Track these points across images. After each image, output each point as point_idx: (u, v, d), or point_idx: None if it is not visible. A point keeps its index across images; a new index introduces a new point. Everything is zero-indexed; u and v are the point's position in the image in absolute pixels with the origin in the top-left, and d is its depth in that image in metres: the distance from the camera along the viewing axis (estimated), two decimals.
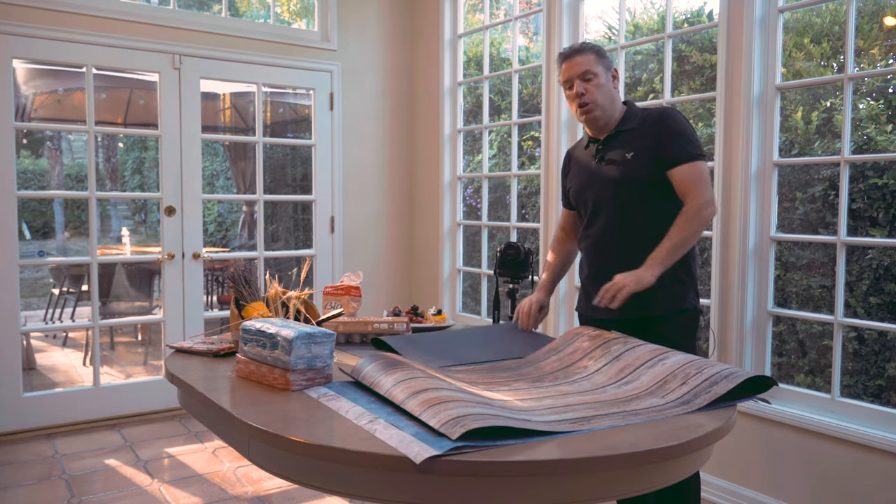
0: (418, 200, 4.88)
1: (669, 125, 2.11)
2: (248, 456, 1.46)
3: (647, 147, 2.11)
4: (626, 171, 2.13)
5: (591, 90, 2.14)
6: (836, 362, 2.66)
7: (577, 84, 2.14)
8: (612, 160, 2.16)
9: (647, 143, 2.11)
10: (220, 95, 7.46)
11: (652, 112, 2.19)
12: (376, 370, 1.52)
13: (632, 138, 2.15)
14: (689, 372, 1.53)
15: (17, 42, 3.66)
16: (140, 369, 5.35)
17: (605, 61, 2.18)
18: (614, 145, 2.18)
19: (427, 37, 4.71)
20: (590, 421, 1.32)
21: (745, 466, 2.87)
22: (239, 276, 2.03)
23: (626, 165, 2.13)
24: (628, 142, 2.15)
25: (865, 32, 3.39)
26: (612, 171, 2.15)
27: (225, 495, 3.06)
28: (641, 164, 2.11)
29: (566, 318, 3.72)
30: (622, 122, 2.19)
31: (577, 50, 2.18)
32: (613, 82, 2.19)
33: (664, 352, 1.67)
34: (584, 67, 2.14)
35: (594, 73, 2.14)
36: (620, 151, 2.15)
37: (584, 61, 2.14)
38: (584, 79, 2.14)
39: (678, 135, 2.10)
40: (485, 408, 1.27)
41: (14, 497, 3.03)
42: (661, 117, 2.14)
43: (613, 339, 1.79)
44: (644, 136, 2.13)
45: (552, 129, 3.72)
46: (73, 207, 10.65)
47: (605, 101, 2.15)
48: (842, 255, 2.64)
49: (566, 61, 2.18)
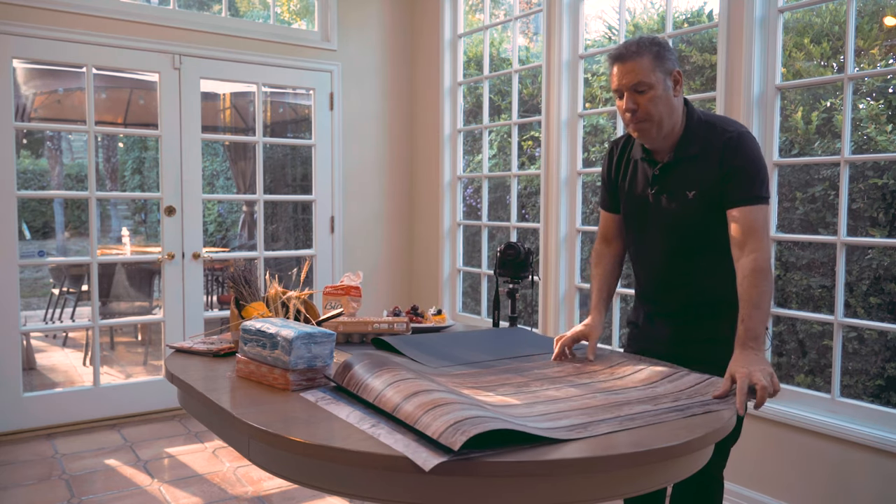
0: (418, 200, 4.88)
1: (742, 161, 1.80)
2: (248, 456, 1.46)
3: (712, 184, 1.83)
4: (686, 213, 1.87)
5: (645, 105, 1.81)
6: (836, 362, 2.66)
7: (627, 97, 1.82)
8: (669, 196, 1.90)
9: (712, 178, 1.83)
10: (220, 95, 7.46)
11: (721, 134, 1.86)
12: (363, 370, 1.49)
13: (694, 170, 1.86)
14: (680, 398, 1.54)
15: (17, 42, 3.66)
16: (140, 369, 5.35)
17: (665, 65, 1.83)
18: (673, 177, 1.90)
19: (427, 37, 4.71)
20: (587, 427, 1.30)
21: (745, 466, 2.87)
22: (239, 276, 2.03)
23: (687, 207, 1.86)
24: (690, 175, 1.86)
25: (865, 32, 3.39)
26: (669, 212, 1.90)
27: (225, 495, 3.06)
28: (706, 207, 1.84)
29: (566, 318, 3.72)
30: (682, 144, 1.88)
31: (634, 51, 1.82)
32: (675, 88, 1.84)
33: (654, 381, 1.65)
34: (638, 77, 1.80)
35: (649, 84, 1.80)
36: (680, 188, 1.88)
37: (639, 68, 1.80)
38: (636, 90, 1.81)
39: (745, 172, 1.80)
40: (481, 410, 1.26)
41: (14, 497, 3.03)
42: (732, 150, 1.82)
43: (600, 370, 1.78)
44: (708, 170, 1.84)
45: (552, 129, 3.71)
46: (73, 207, 10.65)
47: (663, 115, 1.83)
48: (842, 255, 2.64)
49: (617, 64, 1.84)
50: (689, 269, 1.94)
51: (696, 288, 1.96)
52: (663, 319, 2.04)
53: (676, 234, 1.92)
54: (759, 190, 1.79)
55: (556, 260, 3.72)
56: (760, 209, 1.79)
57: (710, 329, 1.95)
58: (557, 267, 3.72)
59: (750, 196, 1.78)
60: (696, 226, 1.88)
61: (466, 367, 1.80)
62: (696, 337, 1.96)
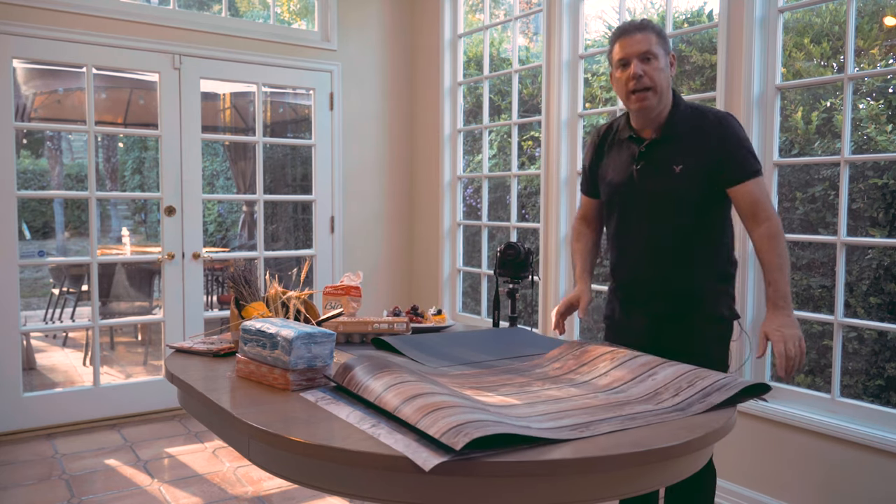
0: (418, 200, 4.88)
1: (735, 140, 1.92)
2: (248, 456, 1.46)
3: (700, 163, 1.92)
4: (671, 186, 1.95)
5: (651, 73, 1.90)
6: (836, 362, 2.66)
7: (634, 64, 1.90)
8: (655, 171, 1.97)
9: (703, 155, 1.92)
10: (220, 95, 7.46)
11: (705, 117, 1.97)
12: (363, 372, 1.49)
13: (681, 148, 1.94)
14: (681, 385, 1.53)
15: (17, 42, 3.66)
16: (140, 369, 5.35)
17: (666, 44, 1.95)
18: (660, 152, 1.97)
19: (427, 37, 4.71)
20: (589, 427, 1.30)
21: (745, 466, 2.87)
22: (239, 276, 2.03)
23: (672, 180, 1.94)
24: (677, 152, 1.94)
25: (865, 32, 3.39)
26: (654, 185, 1.97)
27: (225, 495, 3.06)
28: (692, 182, 1.93)
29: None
30: (669, 123, 1.97)
31: (639, 26, 1.93)
32: (671, 69, 1.97)
33: (654, 366, 1.63)
34: (646, 47, 1.90)
35: (655, 54, 1.90)
36: (667, 162, 1.95)
37: (646, 40, 1.90)
38: (643, 59, 1.90)
39: (740, 150, 1.91)
40: (483, 413, 1.25)
41: (14, 497, 3.03)
42: (723, 129, 1.92)
43: (601, 356, 1.77)
44: (697, 149, 1.93)
45: (552, 129, 3.71)
46: (73, 207, 10.65)
47: (663, 87, 1.92)
48: (842, 255, 2.64)
49: (624, 37, 1.93)
50: (668, 252, 2.00)
51: (675, 274, 2.01)
52: (640, 310, 2.09)
53: (660, 210, 1.99)
54: (754, 165, 1.92)
55: (556, 260, 3.72)
56: (759, 182, 1.92)
57: (687, 322, 2.01)
58: (557, 267, 3.72)
59: (749, 172, 1.91)
60: (679, 200, 1.96)
61: (467, 367, 1.80)
62: (673, 330, 2.02)
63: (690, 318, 2.02)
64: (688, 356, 1.78)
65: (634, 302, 2.11)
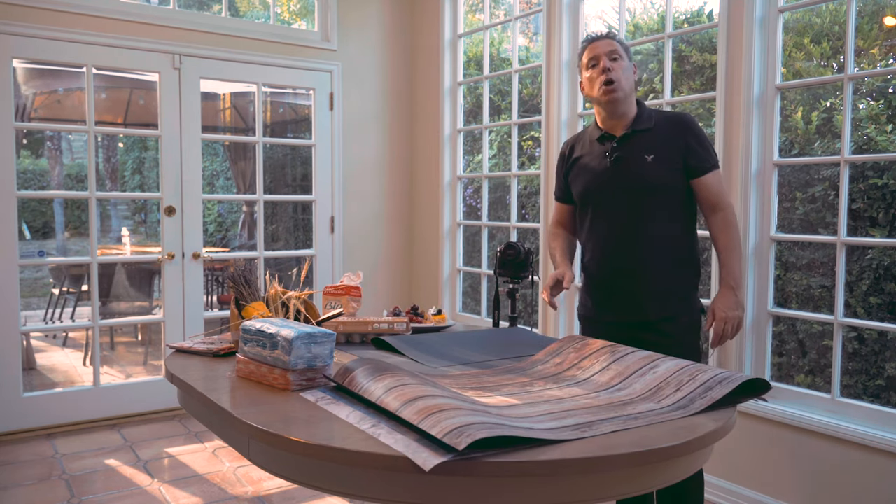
0: (418, 200, 4.88)
1: (696, 132, 2.15)
2: (248, 456, 1.46)
3: (670, 151, 2.13)
4: (644, 174, 2.13)
5: (617, 69, 2.15)
6: (836, 362, 2.66)
7: (603, 60, 2.15)
8: (628, 161, 2.15)
9: (669, 146, 2.13)
10: (220, 95, 7.47)
11: (669, 115, 2.22)
12: (364, 375, 1.48)
13: (650, 140, 2.15)
14: (682, 379, 1.53)
15: (17, 42, 3.66)
16: (140, 369, 5.35)
17: (629, 55, 2.22)
18: (630, 145, 2.17)
19: (427, 37, 4.71)
20: (591, 427, 1.30)
21: (745, 466, 2.87)
22: (239, 276, 2.03)
23: (645, 168, 2.13)
24: (646, 143, 2.15)
25: (865, 32, 3.38)
26: (628, 173, 2.15)
27: (225, 495, 3.06)
28: (663, 168, 2.12)
29: (567, 318, 3.72)
30: (637, 121, 2.18)
31: (605, 35, 2.22)
32: (634, 75, 2.22)
33: (654, 360, 1.64)
34: (612, 48, 2.17)
35: (620, 55, 2.17)
36: (639, 153, 2.15)
37: (613, 44, 2.18)
38: (610, 58, 2.16)
39: (703, 142, 2.15)
40: (485, 416, 1.25)
41: (14, 497, 3.03)
42: (685, 123, 2.17)
43: (601, 349, 1.77)
44: (665, 140, 2.15)
45: (552, 129, 3.71)
46: (73, 207, 10.65)
47: (627, 87, 2.16)
48: (842, 255, 2.64)
49: (593, 42, 2.21)
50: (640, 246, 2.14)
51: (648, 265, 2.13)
52: (613, 305, 2.21)
53: (634, 200, 2.14)
54: (714, 158, 2.17)
55: None
56: (717, 174, 2.17)
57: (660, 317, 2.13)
58: None
59: (709, 165, 2.15)
60: (653, 189, 2.13)
61: (467, 367, 1.80)
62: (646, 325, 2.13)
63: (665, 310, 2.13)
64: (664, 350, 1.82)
65: (607, 297, 2.23)
